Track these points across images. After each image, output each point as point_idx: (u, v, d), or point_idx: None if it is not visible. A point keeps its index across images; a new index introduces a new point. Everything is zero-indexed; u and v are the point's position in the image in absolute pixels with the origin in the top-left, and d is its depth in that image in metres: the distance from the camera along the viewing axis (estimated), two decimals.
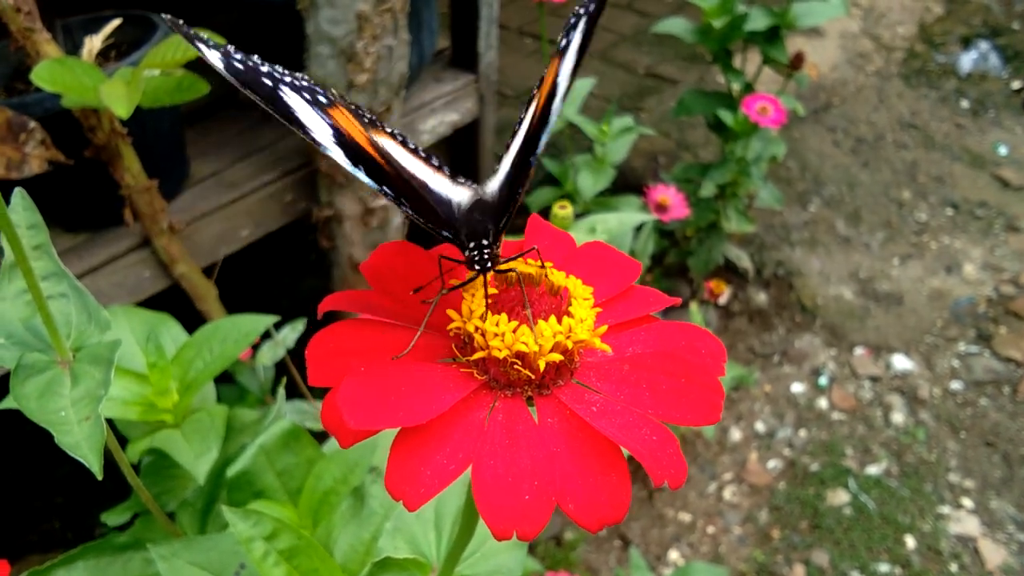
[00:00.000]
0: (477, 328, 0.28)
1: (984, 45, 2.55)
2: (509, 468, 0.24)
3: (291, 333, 1.09)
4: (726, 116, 1.53)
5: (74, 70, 0.87)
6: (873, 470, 1.53)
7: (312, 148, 1.21)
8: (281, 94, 0.30)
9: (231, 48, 0.31)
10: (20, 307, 0.45)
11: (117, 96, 0.80)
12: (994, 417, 1.61)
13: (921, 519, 1.45)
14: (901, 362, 1.71)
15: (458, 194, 0.34)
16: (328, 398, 0.26)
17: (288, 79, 0.32)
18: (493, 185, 0.35)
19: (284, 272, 1.82)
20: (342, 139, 0.31)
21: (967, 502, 1.48)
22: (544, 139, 0.32)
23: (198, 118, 1.40)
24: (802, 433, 1.60)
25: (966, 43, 2.57)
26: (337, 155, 0.30)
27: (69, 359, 0.43)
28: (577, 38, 0.33)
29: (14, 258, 0.43)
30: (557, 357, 0.27)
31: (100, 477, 0.36)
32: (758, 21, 1.46)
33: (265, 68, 0.31)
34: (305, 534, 0.41)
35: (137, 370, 0.63)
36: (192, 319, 1.01)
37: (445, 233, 0.31)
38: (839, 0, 1.49)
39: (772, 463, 1.55)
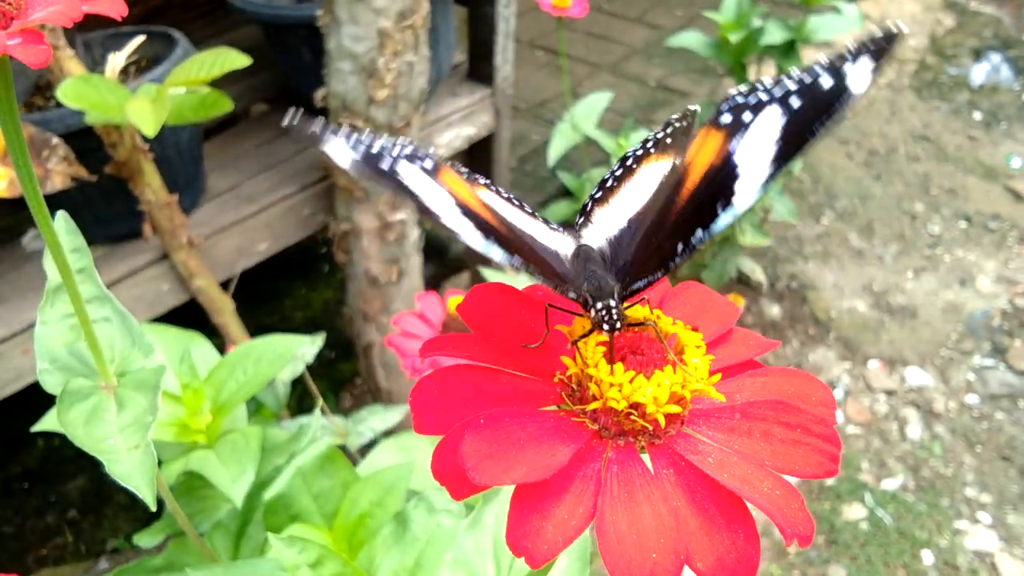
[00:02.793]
0: (592, 377, 0.27)
1: (996, 57, 2.55)
2: (632, 524, 0.23)
3: (310, 348, 1.09)
4: None
5: (99, 88, 0.87)
6: (889, 484, 1.52)
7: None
8: (400, 178, 0.29)
9: (349, 130, 0.28)
10: (64, 331, 0.44)
11: (143, 114, 0.80)
12: (1010, 431, 1.60)
13: (938, 534, 1.44)
14: (916, 375, 1.71)
15: (559, 242, 0.33)
16: (440, 449, 0.25)
17: (396, 151, 0.30)
18: (598, 236, 0.33)
19: (299, 285, 1.82)
20: (461, 208, 0.29)
21: (984, 517, 1.47)
22: (705, 235, 0.29)
23: (215, 131, 1.40)
24: None
25: (977, 55, 2.58)
26: (470, 236, 0.28)
27: (113, 384, 0.43)
28: (768, 132, 0.29)
29: (60, 281, 0.43)
30: (675, 409, 0.27)
31: (154, 508, 0.36)
32: (774, 35, 1.46)
33: (376, 148, 0.29)
34: (350, 562, 0.41)
35: (170, 391, 0.62)
36: (207, 331, 1.01)
37: (572, 295, 0.29)
38: (855, 14, 1.49)
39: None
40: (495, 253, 0.27)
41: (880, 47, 0.28)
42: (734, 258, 1.70)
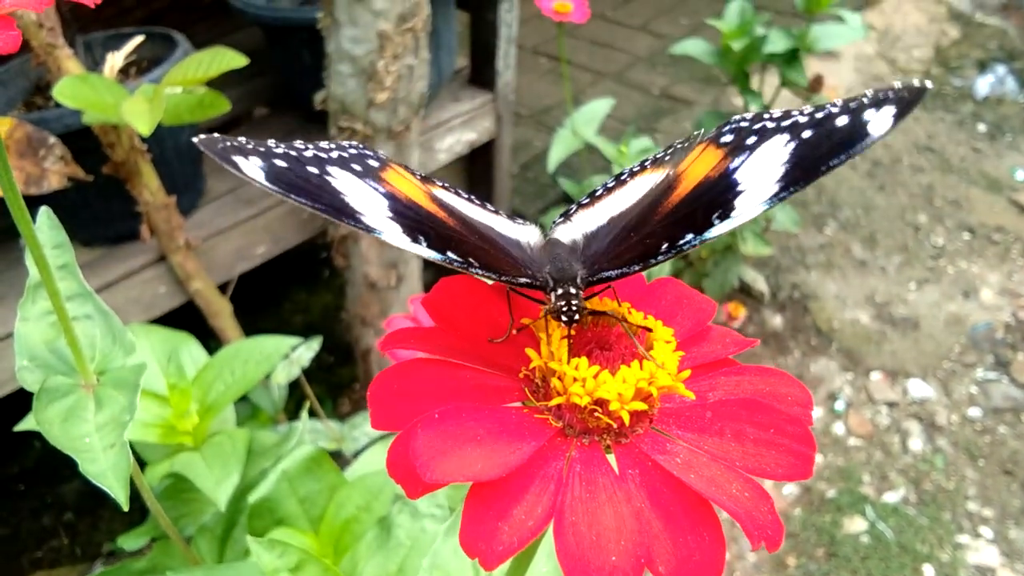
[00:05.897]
0: (555, 372, 0.26)
1: (1001, 69, 2.54)
2: (592, 526, 0.22)
3: (306, 352, 1.08)
4: None
5: (96, 87, 0.87)
6: (891, 497, 1.51)
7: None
8: (329, 179, 0.29)
9: (271, 144, 0.28)
10: (44, 328, 0.44)
11: (139, 113, 0.79)
12: (1013, 445, 1.58)
13: (939, 548, 1.43)
14: (918, 388, 1.69)
15: (524, 233, 0.33)
16: (395, 445, 0.24)
17: (335, 154, 0.30)
18: (574, 231, 0.33)
19: (298, 289, 1.82)
20: (398, 206, 0.29)
21: (986, 532, 1.45)
22: (696, 239, 0.29)
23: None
24: (818, 459, 1.58)
25: (982, 67, 2.57)
26: (393, 236, 0.28)
27: (93, 383, 0.42)
28: (775, 157, 0.29)
29: (39, 278, 0.43)
30: (641, 406, 0.26)
31: (126, 508, 0.35)
32: (777, 44, 1.45)
33: (308, 152, 0.29)
34: (331, 566, 0.40)
35: (157, 391, 0.61)
36: (204, 334, 1.00)
37: (524, 280, 0.29)
38: (858, 24, 1.48)
39: (788, 489, 1.53)
40: (424, 252, 0.27)
41: (905, 99, 0.29)
42: (736, 267, 1.69)
